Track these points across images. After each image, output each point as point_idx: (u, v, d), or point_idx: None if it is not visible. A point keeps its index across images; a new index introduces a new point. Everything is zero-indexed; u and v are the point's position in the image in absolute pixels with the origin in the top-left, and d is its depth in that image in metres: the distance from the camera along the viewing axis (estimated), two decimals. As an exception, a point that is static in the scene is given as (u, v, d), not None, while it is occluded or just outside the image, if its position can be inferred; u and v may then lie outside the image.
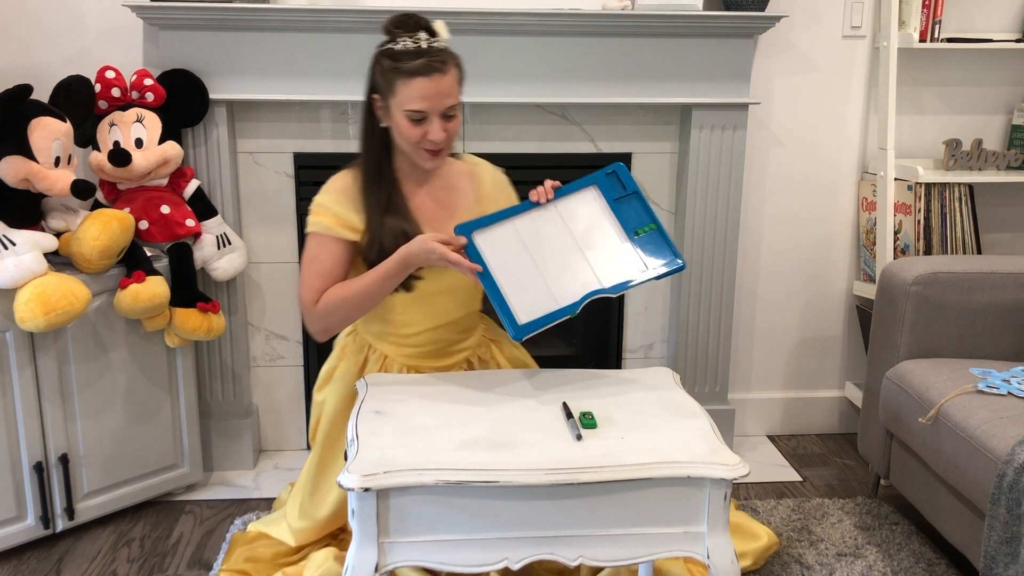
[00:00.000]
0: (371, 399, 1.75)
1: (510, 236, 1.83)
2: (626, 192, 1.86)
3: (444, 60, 1.83)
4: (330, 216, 1.90)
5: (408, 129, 1.84)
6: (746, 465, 1.52)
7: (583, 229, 1.84)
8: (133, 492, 2.40)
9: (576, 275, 1.81)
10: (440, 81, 1.82)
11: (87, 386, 2.25)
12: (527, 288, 1.80)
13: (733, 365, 2.93)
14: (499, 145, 2.65)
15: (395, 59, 1.83)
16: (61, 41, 2.49)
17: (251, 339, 2.73)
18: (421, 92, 1.81)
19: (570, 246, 1.83)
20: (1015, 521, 1.79)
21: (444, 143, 1.87)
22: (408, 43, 1.82)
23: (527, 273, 1.81)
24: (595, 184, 1.86)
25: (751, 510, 2.45)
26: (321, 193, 1.94)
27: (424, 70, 1.80)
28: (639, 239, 1.84)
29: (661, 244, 1.84)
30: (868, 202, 2.82)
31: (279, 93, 2.48)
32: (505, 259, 1.81)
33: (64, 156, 2.15)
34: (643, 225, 1.86)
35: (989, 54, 2.78)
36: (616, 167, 1.86)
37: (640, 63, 2.55)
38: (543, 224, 1.84)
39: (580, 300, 1.79)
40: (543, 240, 1.83)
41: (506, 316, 1.77)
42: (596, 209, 1.86)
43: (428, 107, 1.82)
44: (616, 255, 1.83)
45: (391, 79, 1.83)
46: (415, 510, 1.48)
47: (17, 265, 2.03)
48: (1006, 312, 2.32)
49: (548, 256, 1.82)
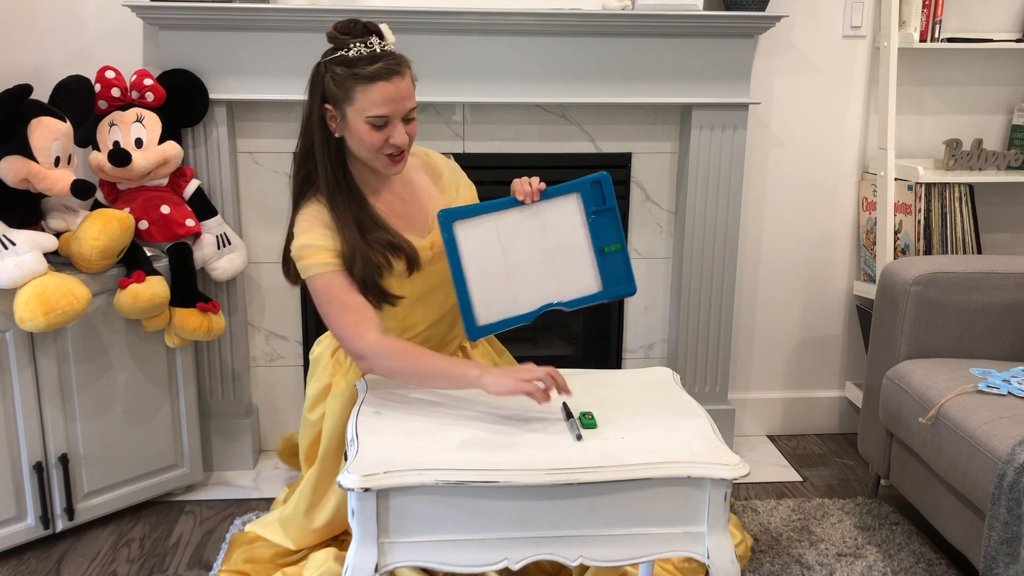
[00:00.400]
0: (371, 399, 1.75)
1: (491, 233, 1.82)
2: (604, 206, 1.84)
3: (400, 63, 1.82)
4: (322, 252, 1.82)
5: (369, 135, 1.81)
6: (746, 465, 1.52)
7: (557, 238, 1.83)
8: (133, 492, 2.40)
9: (540, 283, 1.83)
10: (400, 84, 1.80)
11: (87, 386, 2.25)
12: (493, 289, 1.81)
13: (733, 365, 2.93)
14: (499, 145, 2.65)
15: (350, 66, 1.78)
16: (61, 41, 2.49)
17: (251, 339, 2.73)
18: (383, 96, 1.78)
19: (541, 253, 1.83)
20: (1015, 521, 1.78)
21: (406, 147, 1.85)
22: (362, 49, 1.79)
23: (497, 274, 1.81)
24: (579, 192, 1.84)
25: (751, 510, 2.45)
26: (299, 236, 1.85)
27: (384, 74, 1.78)
28: (604, 256, 1.84)
29: (621, 266, 1.85)
30: (868, 202, 2.82)
31: (279, 93, 2.48)
32: (480, 255, 1.80)
33: (64, 156, 2.15)
34: (611, 243, 1.85)
35: (989, 54, 2.78)
36: (601, 177, 1.84)
37: (640, 63, 2.55)
38: (522, 226, 1.83)
39: (537, 310, 1.82)
40: (519, 243, 1.82)
41: (466, 313, 1.79)
42: (574, 219, 1.84)
43: (391, 111, 1.80)
44: (580, 270, 1.84)
45: (348, 87, 1.79)
46: (415, 510, 1.48)
47: (17, 265, 2.03)
48: (1006, 312, 2.32)
49: (519, 260, 1.82)
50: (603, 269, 1.84)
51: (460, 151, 2.64)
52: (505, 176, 2.62)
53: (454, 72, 2.49)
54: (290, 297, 2.70)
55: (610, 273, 1.84)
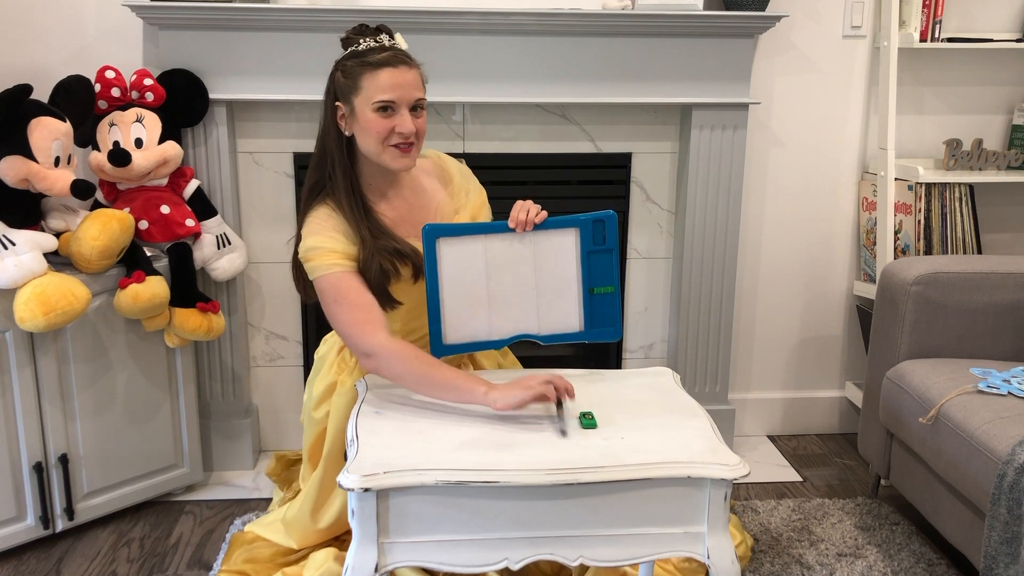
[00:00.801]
0: (371, 399, 1.75)
1: (477, 254, 1.80)
2: (604, 246, 1.82)
3: (409, 56, 1.86)
4: (329, 254, 1.83)
5: (376, 123, 1.83)
6: (746, 465, 1.52)
7: (546, 271, 1.82)
8: (133, 492, 2.40)
9: (519, 313, 1.82)
10: (407, 72, 1.83)
11: (87, 386, 2.25)
12: (468, 310, 1.80)
13: (733, 365, 2.93)
14: (499, 145, 2.65)
15: (360, 56, 1.84)
16: (61, 41, 2.49)
17: (251, 339, 2.73)
18: (389, 81, 1.81)
19: (527, 283, 1.82)
20: (1015, 521, 1.78)
21: (413, 138, 1.86)
22: (371, 42, 1.85)
23: (475, 296, 1.80)
24: (578, 228, 1.81)
25: (751, 510, 2.45)
26: (307, 238, 1.86)
27: (391, 60, 1.82)
28: (593, 297, 1.83)
29: (610, 309, 1.83)
30: (868, 202, 2.82)
31: (279, 93, 2.48)
32: (461, 274, 1.79)
33: (64, 156, 2.15)
34: (603, 284, 1.83)
35: (989, 54, 2.78)
36: (606, 216, 1.81)
37: (640, 63, 2.55)
38: (512, 253, 1.81)
39: (509, 339, 1.82)
40: (505, 269, 1.81)
41: (434, 329, 1.79)
42: (568, 254, 1.82)
43: (397, 96, 1.82)
44: (564, 306, 1.83)
45: (356, 76, 1.83)
46: (415, 510, 1.48)
47: (17, 265, 2.03)
48: (1006, 312, 2.32)
49: (502, 286, 1.81)
50: (589, 309, 1.83)
51: (460, 151, 2.64)
52: (505, 176, 2.64)
53: (454, 72, 2.49)
54: (290, 297, 2.70)
55: (596, 315, 1.83)
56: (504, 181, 2.60)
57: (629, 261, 2.80)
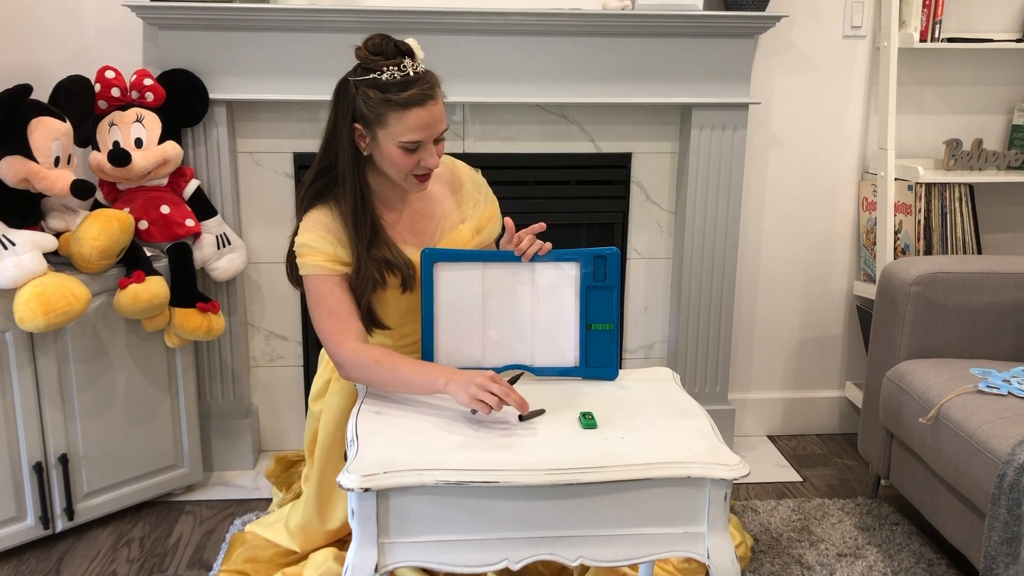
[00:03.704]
0: (371, 399, 1.75)
1: (475, 280, 1.80)
2: (605, 282, 1.81)
3: (432, 86, 1.78)
4: (317, 255, 1.82)
5: (401, 159, 1.79)
6: (746, 465, 1.52)
7: (544, 303, 1.81)
8: (133, 492, 2.40)
9: (514, 343, 1.82)
10: (433, 109, 1.77)
11: (87, 386, 2.25)
12: (462, 336, 1.80)
13: (733, 365, 2.93)
14: (499, 145, 2.65)
15: (384, 90, 1.74)
16: (61, 41, 2.49)
17: (251, 339, 2.73)
18: (418, 123, 1.75)
19: (524, 314, 1.81)
20: (1015, 521, 1.78)
21: (436, 167, 1.85)
22: (395, 72, 1.74)
23: (470, 322, 1.80)
24: (579, 261, 1.80)
25: (751, 510, 2.45)
26: (301, 233, 1.85)
27: (419, 100, 1.74)
28: (590, 333, 1.81)
29: (607, 347, 1.82)
30: (868, 202, 2.82)
31: (279, 93, 2.48)
32: (457, 300, 1.79)
33: (64, 156, 2.15)
34: (602, 321, 1.81)
35: (989, 54, 2.78)
36: (608, 252, 1.79)
37: (640, 63, 2.55)
38: (510, 282, 1.81)
39: (502, 368, 1.81)
40: (503, 297, 1.81)
41: (427, 352, 1.79)
42: (567, 288, 1.81)
43: (425, 136, 1.77)
44: (560, 340, 1.82)
45: (381, 112, 1.76)
46: (415, 510, 1.48)
47: (17, 265, 2.03)
48: (1006, 312, 2.32)
49: (498, 315, 1.81)
50: (586, 346, 1.82)
51: (460, 151, 2.64)
52: (505, 176, 2.64)
53: (454, 72, 2.46)
54: (290, 297, 2.70)
55: (593, 352, 1.82)
56: (504, 181, 2.59)
57: (629, 261, 2.80)
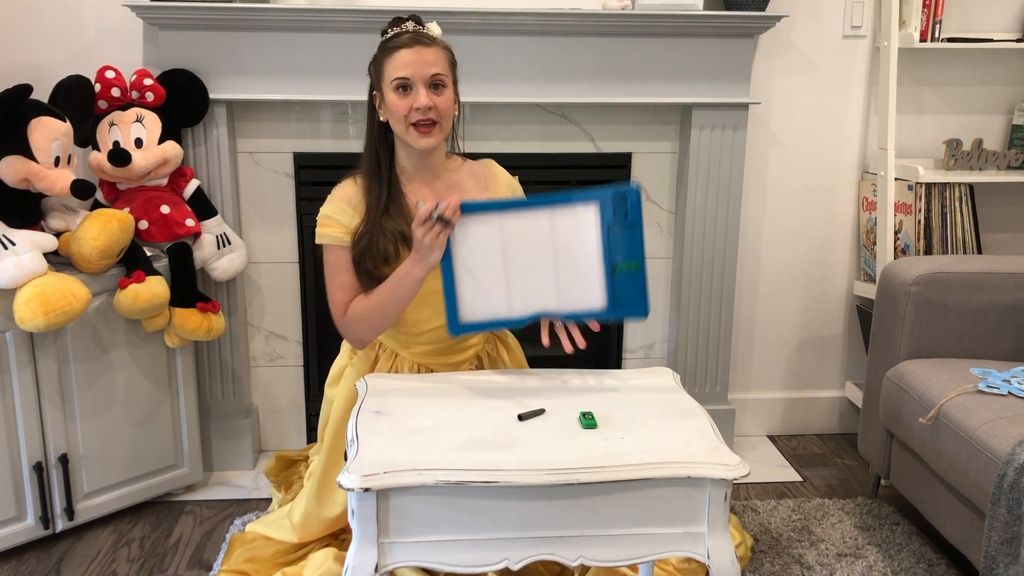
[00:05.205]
0: (371, 399, 1.75)
1: (493, 231, 1.76)
2: (627, 221, 1.75)
3: (430, 38, 1.91)
4: (336, 226, 1.93)
5: (396, 103, 1.88)
6: (746, 465, 1.52)
7: (566, 245, 1.76)
8: (133, 492, 2.40)
9: (538, 289, 1.77)
10: (423, 52, 1.88)
11: (87, 386, 2.25)
12: (485, 287, 1.77)
13: (733, 365, 2.93)
14: (499, 145, 2.65)
15: (384, 44, 1.92)
16: (61, 41, 2.49)
17: (251, 339, 2.73)
18: (403, 60, 1.87)
19: (546, 259, 1.77)
20: (1015, 521, 1.78)
21: (433, 114, 1.87)
22: (397, 30, 1.92)
23: (492, 272, 1.77)
24: (598, 201, 1.76)
25: (751, 510, 2.45)
26: (325, 204, 1.96)
27: (407, 42, 1.88)
28: (617, 274, 1.76)
29: (636, 286, 1.76)
30: (868, 202, 2.82)
31: (279, 93, 2.48)
32: (476, 252, 1.76)
33: (64, 156, 2.15)
34: (628, 260, 1.76)
35: (989, 54, 2.78)
36: (628, 191, 1.75)
37: (640, 63, 2.55)
38: (530, 228, 1.77)
39: (529, 316, 1.78)
40: (523, 244, 1.77)
41: (451, 308, 1.76)
42: (588, 230, 1.76)
43: (411, 73, 1.86)
44: (586, 284, 1.77)
45: (380, 62, 1.91)
46: (415, 510, 1.48)
47: (17, 265, 2.03)
48: (1006, 312, 2.32)
49: (520, 262, 1.77)
50: (613, 287, 1.76)
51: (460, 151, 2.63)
52: (505, 176, 2.64)
53: (454, 72, 2.49)
54: (290, 297, 2.70)
55: (620, 293, 1.76)
56: (504, 181, 2.60)
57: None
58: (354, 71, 2.44)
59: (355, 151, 2.58)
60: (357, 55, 2.42)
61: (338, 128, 2.60)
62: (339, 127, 2.60)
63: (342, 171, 2.03)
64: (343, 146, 2.60)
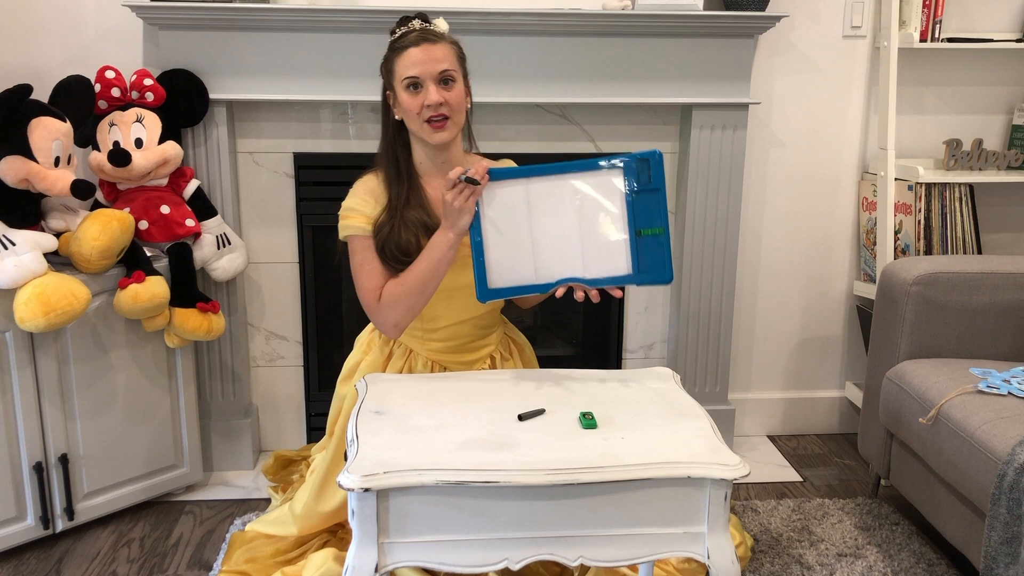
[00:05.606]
0: (371, 399, 1.75)
1: (519, 196, 1.80)
2: (650, 185, 1.78)
3: (437, 35, 1.94)
4: (360, 217, 1.96)
5: (407, 101, 1.91)
6: (746, 465, 1.52)
7: (591, 210, 1.79)
8: (133, 492, 2.40)
9: (564, 255, 1.80)
10: (431, 49, 1.90)
11: (87, 386, 2.25)
12: (512, 253, 1.80)
13: (733, 365, 2.93)
14: (499, 145, 2.65)
15: (393, 43, 1.96)
16: (61, 41, 2.49)
17: (251, 339, 2.73)
18: (412, 59, 1.90)
19: (571, 224, 1.79)
20: (1015, 521, 1.78)
21: (444, 109, 1.91)
22: (404, 30, 1.96)
23: (518, 238, 1.80)
24: (622, 167, 1.78)
25: (751, 510, 2.45)
26: (348, 198, 1.99)
27: (414, 40, 1.91)
28: (641, 239, 1.79)
29: (659, 251, 1.78)
30: (868, 202, 2.82)
31: (279, 93, 2.48)
32: (503, 217, 1.79)
33: (64, 156, 2.15)
34: (651, 226, 1.78)
35: (989, 54, 2.78)
36: (651, 155, 1.77)
37: (640, 63, 2.55)
38: (555, 194, 1.80)
39: (556, 282, 1.80)
40: (548, 210, 1.80)
41: (480, 274, 1.79)
42: (613, 196, 1.79)
43: (420, 71, 1.89)
44: (611, 248, 1.79)
45: (391, 62, 1.95)
46: (415, 510, 1.48)
47: (17, 265, 2.03)
48: (1006, 312, 2.32)
49: (546, 227, 1.80)
50: (637, 252, 1.78)
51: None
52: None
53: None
54: (290, 297, 2.70)
55: (645, 257, 1.78)
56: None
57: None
58: (354, 71, 2.45)
59: (355, 151, 2.60)
60: (357, 55, 2.43)
61: (338, 128, 2.60)
62: (339, 127, 2.60)
63: (342, 171, 2.04)
64: (343, 146, 2.60)
